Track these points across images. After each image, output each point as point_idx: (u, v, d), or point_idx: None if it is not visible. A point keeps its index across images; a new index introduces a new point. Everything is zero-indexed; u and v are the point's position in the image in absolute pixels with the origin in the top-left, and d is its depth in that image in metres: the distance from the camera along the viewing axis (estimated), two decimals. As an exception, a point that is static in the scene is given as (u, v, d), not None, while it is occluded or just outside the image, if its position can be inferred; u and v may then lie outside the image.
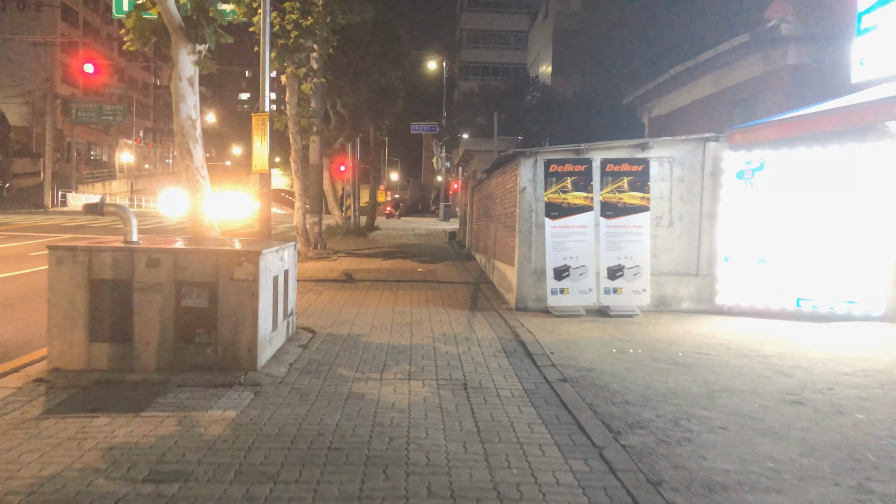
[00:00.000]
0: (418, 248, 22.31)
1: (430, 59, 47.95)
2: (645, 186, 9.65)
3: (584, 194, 9.58)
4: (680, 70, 14.58)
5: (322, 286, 12.45)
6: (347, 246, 21.70)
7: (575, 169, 9.58)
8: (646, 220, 9.65)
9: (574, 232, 9.54)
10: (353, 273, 14.45)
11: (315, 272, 14.50)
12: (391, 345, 7.53)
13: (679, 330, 8.71)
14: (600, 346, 7.69)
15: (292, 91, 15.93)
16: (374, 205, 32.36)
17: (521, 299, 10.03)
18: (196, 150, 9.03)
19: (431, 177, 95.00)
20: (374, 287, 12.53)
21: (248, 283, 6.09)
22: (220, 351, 6.11)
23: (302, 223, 16.77)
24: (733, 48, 12.51)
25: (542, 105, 26.45)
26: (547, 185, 9.61)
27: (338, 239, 23.89)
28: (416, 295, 11.60)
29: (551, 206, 9.57)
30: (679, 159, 10.14)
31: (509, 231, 11.05)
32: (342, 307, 10.14)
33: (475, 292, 12.18)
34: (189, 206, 9.03)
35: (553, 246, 9.52)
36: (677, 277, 10.14)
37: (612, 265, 9.56)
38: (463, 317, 9.47)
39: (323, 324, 8.73)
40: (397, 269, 15.52)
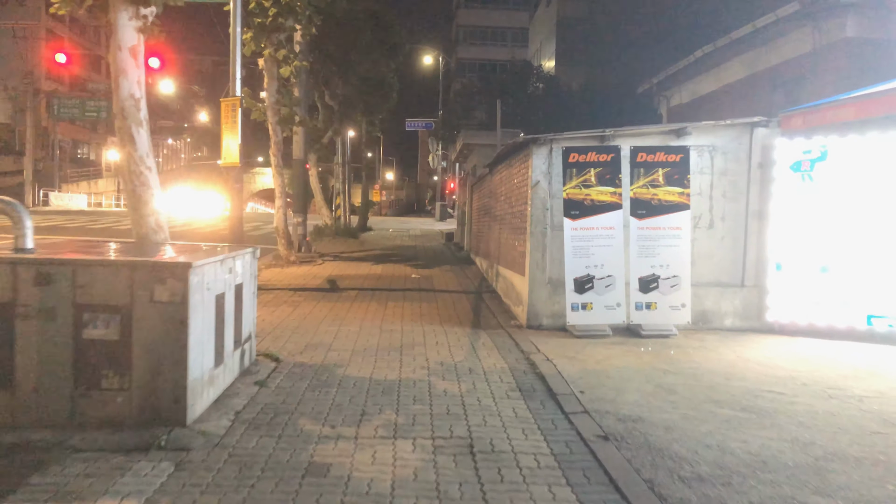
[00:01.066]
0: (413, 250, 20.66)
1: (426, 53, 46.29)
2: (684, 180, 8.02)
3: (610, 189, 7.94)
4: (707, 51, 12.96)
5: (300, 296, 10.79)
6: (335, 248, 20.03)
7: (600, 159, 7.94)
8: (685, 220, 8.02)
9: (599, 235, 7.90)
10: (338, 280, 12.79)
11: (295, 279, 12.84)
12: (374, 380, 5.88)
13: (731, 356, 7.07)
14: (640, 381, 6.05)
15: (271, 76, 14.26)
16: (367, 204, 30.68)
17: (534, 315, 8.40)
18: (140, 136, 7.41)
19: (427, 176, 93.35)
20: (361, 297, 10.87)
21: (175, 307, 4.44)
22: (136, 400, 4.46)
23: (283, 224, 15.11)
24: (776, 21, 10.90)
25: (545, 96, 24.74)
26: (566, 179, 7.97)
27: (326, 241, 22.21)
28: (409, 307, 9.95)
29: (571, 204, 7.93)
30: (721, 148, 8.52)
31: (518, 234, 9.42)
32: (320, 324, 8.49)
33: (477, 304, 10.53)
34: (130, 204, 7.41)
35: (573, 252, 7.88)
36: (719, 289, 8.51)
37: (644, 275, 7.93)
38: (464, 337, 7.82)
39: (292, 348, 7.08)
40: (388, 276, 13.87)
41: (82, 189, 57.68)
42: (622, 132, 8.32)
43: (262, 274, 13.45)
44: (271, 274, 13.49)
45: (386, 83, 27.36)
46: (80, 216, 35.79)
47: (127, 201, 7.49)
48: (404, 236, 27.24)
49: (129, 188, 7.41)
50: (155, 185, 7.47)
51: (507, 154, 10.49)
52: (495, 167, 12.34)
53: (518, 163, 9.61)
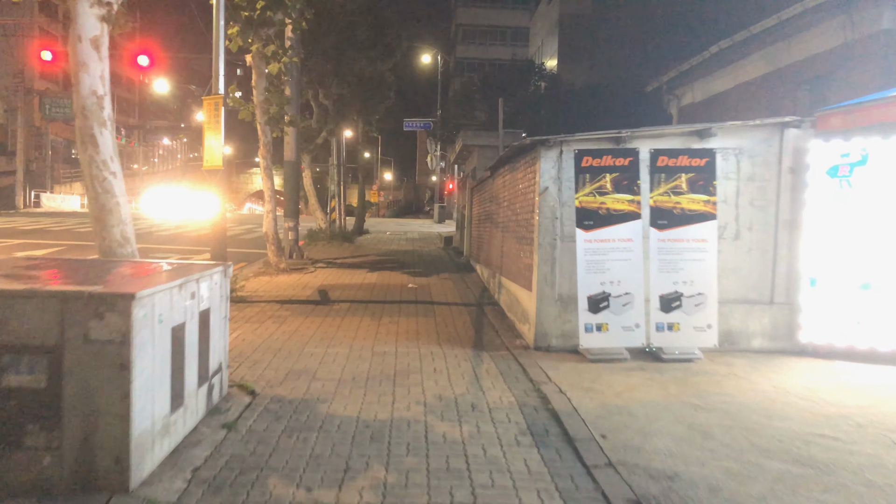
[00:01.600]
0: (410, 255, 19.86)
1: (424, 52, 45.50)
2: (710, 186, 7.22)
3: (628, 197, 7.14)
4: (724, 47, 12.16)
5: (288, 310, 9.99)
6: (329, 254, 19.22)
7: (616, 163, 7.14)
8: (711, 231, 7.22)
9: (615, 247, 7.10)
10: (329, 291, 12.01)
11: (284, 289, 12.04)
12: (362, 421, 5.08)
13: (766, 386, 6.27)
14: (669, 420, 5.25)
15: (259, 74, 13.46)
16: (363, 206, 29.85)
17: (542, 335, 7.60)
18: (103, 138, 6.61)
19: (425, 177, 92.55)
20: (353, 311, 10.07)
21: (115, 347, 3.65)
22: (68, 460, 3.66)
23: (272, 229, 14.31)
24: (803, 13, 10.10)
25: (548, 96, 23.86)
26: (578, 185, 7.17)
27: (320, 245, 21.40)
28: (405, 324, 9.15)
29: (585, 213, 7.13)
30: (748, 151, 7.72)
31: (523, 244, 8.62)
32: (306, 344, 7.69)
33: (479, 319, 9.73)
34: (92, 214, 6.61)
35: (587, 266, 7.08)
36: (746, 306, 7.71)
37: (666, 292, 7.13)
38: (465, 361, 7.02)
39: (272, 376, 6.27)
40: (384, 285, 13.07)
41: (76, 190, 56.79)
42: (640, 133, 7.53)
43: (250, 283, 12.65)
44: (259, 283, 12.69)
45: (383, 82, 26.60)
46: (69, 218, 34.96)
47: (89, 211, 6.69)
48: (401, 240, 26.45)
49: (92, 196, 6.62)
50: (120, 193, 6.68)
51: (510, 157, 9.70)
52: (497, 170, 11.55)
53: (523, 166, 8.81)
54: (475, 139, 15.68)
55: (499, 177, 11.37)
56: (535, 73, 24.91)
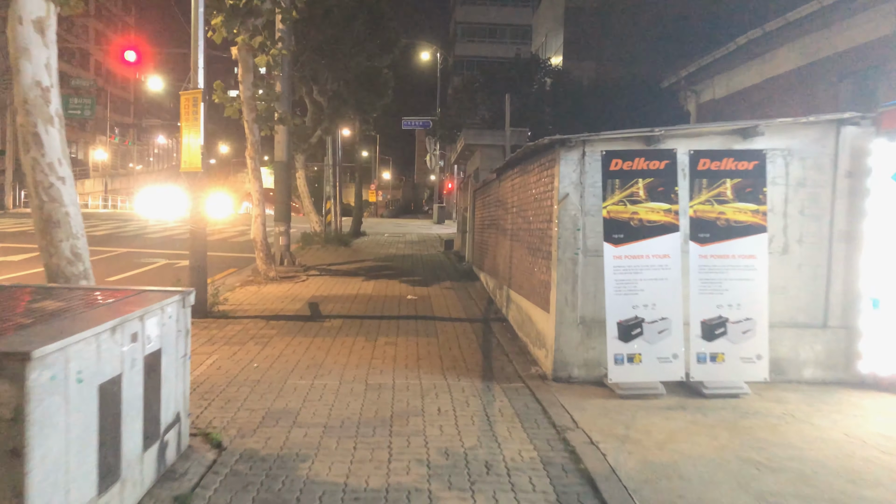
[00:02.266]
0: (409, 261, 18.84)
1: (423, 49, 44.49)
2: (759, 193, 6.21)
3: (664, 206, 6.14)
4: (753, 37, 11.14)
5: (273, 327, 8.98)
6: (324, 259, 18.21)
7: (650, 166, 6.13)
8: (760, 245, 6.21)
9: (649, 265, 6.10)
10: (321, 303, 11.00)
11: (271, 301, 11.03)
12: (350, 490, 4.07)
13: (835, 433, 5.27)
14: (731, 486, 4.24)
15: (246, 67, 12.44)
16: (360, 208, 28.80)
17: (562, 364, 6.59)
18: (49, 137, 5.63)
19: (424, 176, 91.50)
20: (347, 329, 9.07)
21: (3, 427, 2.64)
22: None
23: (261, 234, 13.29)
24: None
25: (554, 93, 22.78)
26: (607, 192, 6.16)
27: (314, 250, 20.38)
28: (404, 345, 8.14)
29: (614, 225, 6.12)
30: (798, 153, 6.72)
31: (537, 257, 7.62)
32: (290, 373, 6.69)
33: (486, 339, 8.72)
34: (37, 227, 5.65)
35: (617, 287, 6.07)
36: (795, 331, 6.71)
37: (708, 317, 6.12)
38: (474, 398, 6.02)
39: (245, 420, 5.27)
40: (381, 297, 12.05)
41: (68, 189, 55.68)
42: (676, 132, 6.52)
43: (236, 294, 11.64)
44: (245, 294, 11.68)
45: (380, 79, 25.63)
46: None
47: (34, 223, 5.69)
48: (400, 243, 25.44)
49: (36, 205, 5.64)
50: (71, 202, 5.71)
51: (522, 158, 8.68)
52: (505, 173, 10.54)
53: (537, 169, 7.80)
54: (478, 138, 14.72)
55: (506, 180, 10.37)
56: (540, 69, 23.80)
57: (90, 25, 68.67)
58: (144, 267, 15.73)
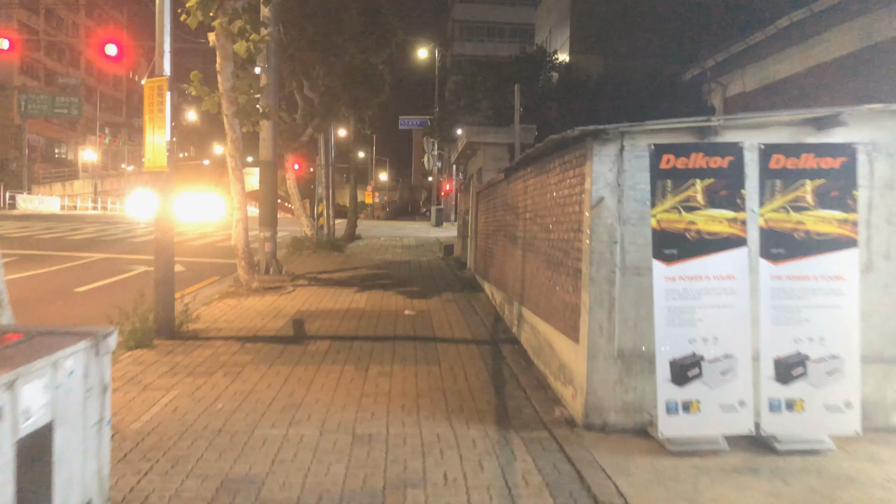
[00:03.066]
0: (406, 268, 17.57)
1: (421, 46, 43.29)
2: (847, 199, 4.96)
3: (727, 213, 4.88)
4: (797, 19, 9.87)
5: (249, 352, 7.73)
6: (314, 266, 16.93)
7: (710, 164, 4.88)
8: (850, 263, 4.95)
9: (710, 288, 4.84)
10: (306, 320, 9.73)
11: (250, 318, 9.76)
12: None
13: (964, 512, 4.03)
14: None
15: (224, 55, 11.16)
16: (355, 210, 27.50)
17: (595, 408, 5.34)
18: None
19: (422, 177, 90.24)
20: (334, 354, 7.81)
21: None
22: None
23: (242, 241, 12.01)
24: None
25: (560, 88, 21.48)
26: (656, 196, 4.91)
27: (304, 256, 19.10)
28: (401, 376, 6.88)
29: (666, 237, 4.87)
30: (886, 148, 5.48)
31: (561, 273, 6.37)
32: (260, 419, 5.44)
33: (497, 367, 7.47)
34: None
35: (670, 316, 4.82)
36: (882, 367, 5.46)
37: (784, 354, 4.87)
38: (490, 456, 4.76)
39: (193, 495, 4.01)
40: (375, 312, 10.79)
41: (56, 191, 54.45)
42: (736, 122, 5.29)
43: (212, 309, 10.38)
44: (222, 309, 10.41)
45: (376, 75, 24.38)
46: (40, 222, 32.64)
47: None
48: (396, 247, 24.17)
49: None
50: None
51: (538, 155, 7.42)
52: (515, 173, 9.29)
53: (560, 168, 6.55)
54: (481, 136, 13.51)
55: (517, 181, 9.11)
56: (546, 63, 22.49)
57: (80, 22, 67.30)
58: (120, 275, 14.49)
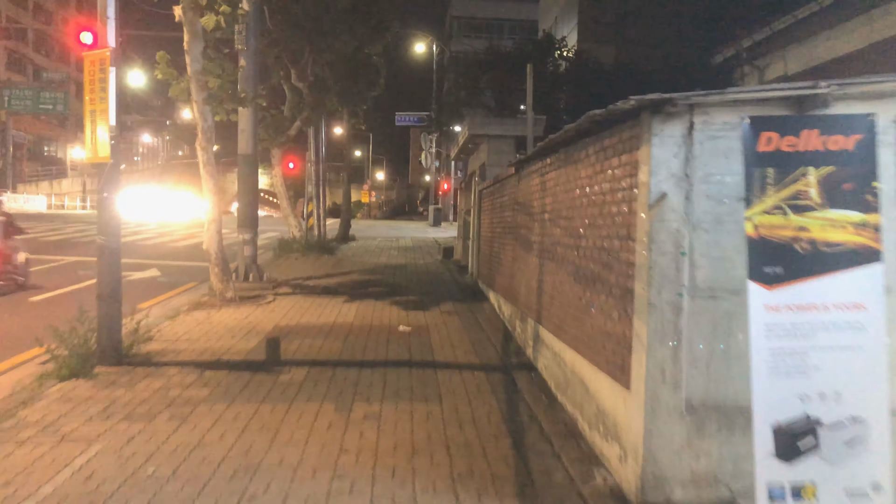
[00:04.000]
0: (402, 273, 16.11)
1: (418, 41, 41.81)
2: None
3: (853, 216, 3.44)
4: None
5: (207, 383, 6.29)
6: (301, 271, 15.47)
7: (828, 145, 3.44)
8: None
9: (830, 322, 3.40)
10: (284, 338, 8.29)
11: (218, 337, 8.31)
12: None
13: None
14: None
15: (193, 32, 9.72)
16: (349, 210, 26.01)
17: (655, 478, 3.91)
18: None
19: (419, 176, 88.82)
20: (311, 385, 6.37)
21: None
22: None
23: (215, 244, 10.58)
24: None
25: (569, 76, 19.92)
26: (752, 191, 3.46)
27: (291, 259, 17.62)
28: (392, 422, 5.44)
29: (766, 250, 3.43)
30: None
31: (600, 292, 4.93)
32: (202, 489, 4.00)
33: (512, 408, 6.03)
34: None
35: (772, 361, 3.37)
36: None
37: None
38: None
39: None
40: (364, 328, 9.35)
41: (43, 189, 52.91)
42: (855, 86, 3.87)
43: (176, 324, 8.95)
44: (188, 325, 8.96)
45: (371, 67, 22.97)
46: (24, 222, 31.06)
47: None
48: (392, 249, 22.71)
49: None
50: None
51: (568, 140, 5.96)
52: (530, 165, 7.85)
53: (597, 156, 5.12)
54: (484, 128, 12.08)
55: (532, 175, 7.67)
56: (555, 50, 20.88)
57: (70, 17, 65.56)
58: (88, 281, 13.06)
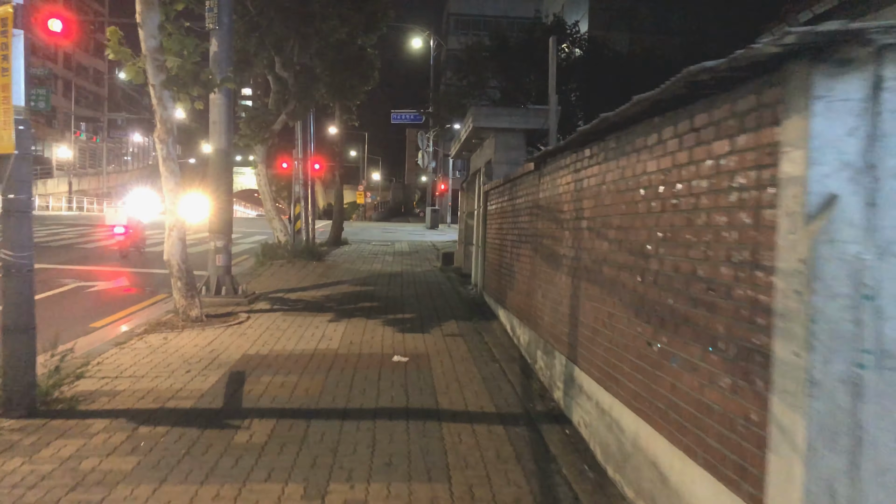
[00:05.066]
0: (398, 283, 14.48)
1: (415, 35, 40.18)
2: None
3: None
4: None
5: (135, 449, 4.66)
6: (284, 281, 13.83)
7: None
8: None
9: None
10: (252, 373, 6.65)
11: (169, 372, 6.68)
12: None
13: None
14: None
15: (147, 4, 8.10)
16: (341, 212, 24.34)
17: None
18: None
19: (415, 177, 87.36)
20: (273, 454, 4.75)
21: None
22: None
23: (178, 254, 8.95)
24: None
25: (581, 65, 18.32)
26: None
27: (275, 267, 15.97)
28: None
29: None
30: None
31: (694, 340, 3.33)
32: None
33: (547, 486, 4.41)
34: None
35: None
36: None
37: None
38: None
39: None
40: (351, 358, 7.73)
41: (45, 189, 51.14)
42: None
43: (121, 354, 7.33)
44: (136, 355, 7.33)
45: (365, 60, 21.39)
46: None
47: None
48: (387, 255, 21.08)
49: None
50: None
51: (633, 118, 4.34)
52: (558, 158, 6.24)
53: (688, 138, 3.53)
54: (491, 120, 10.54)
55: (563, 171, 6.06)
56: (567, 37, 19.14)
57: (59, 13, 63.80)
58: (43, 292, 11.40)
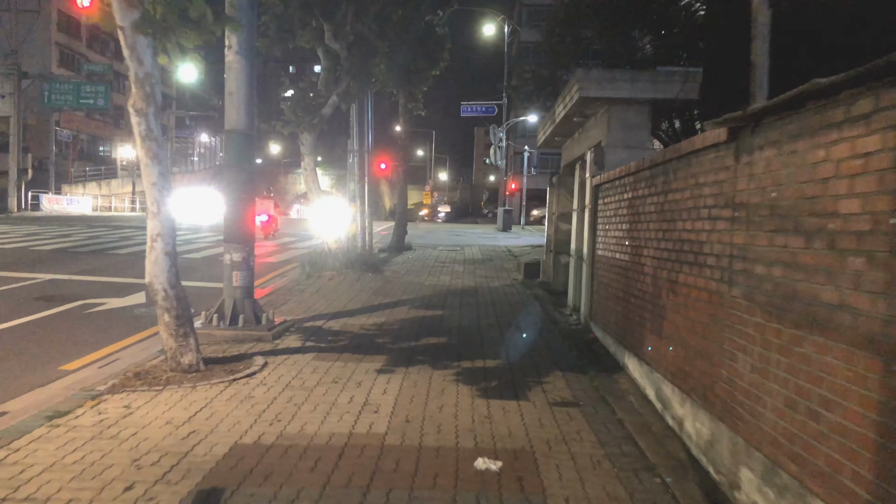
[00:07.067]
0: (471, 304, 11.43)
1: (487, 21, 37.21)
2: None
3: None
4: None
5: None
6: (328, 302, 10.98)
7: None
8: None
9: None
10: (234, 494, 3.76)
11: (98, 488, 3.85)
12: None
13: None
14: None
15: None
16: (404, 213, 21.57)
17: None
18: None
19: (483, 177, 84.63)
20: None
21: None
22: None
23: (163, 273, 6.21)
24: None
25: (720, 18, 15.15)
26: None
27: (323, 280, 13.16)
28: None
29: None
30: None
31: None
32: None
33: None
34: None
35: None
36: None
37: None
38: None
39: None
40: (405, 459, 4.77)
41: (91, 190, 50.48)
42: None
43: (42, 443, 4.57)
44: (67, 444, 4.54)
45: (433, 39, 18.56)
46: (39, 225, 27.86)
47: None
48: (456, 263, 18.10)
49: None
50: None
51: None
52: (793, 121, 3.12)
53: None
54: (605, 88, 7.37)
55: (812, 136, 2.95)
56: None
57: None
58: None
